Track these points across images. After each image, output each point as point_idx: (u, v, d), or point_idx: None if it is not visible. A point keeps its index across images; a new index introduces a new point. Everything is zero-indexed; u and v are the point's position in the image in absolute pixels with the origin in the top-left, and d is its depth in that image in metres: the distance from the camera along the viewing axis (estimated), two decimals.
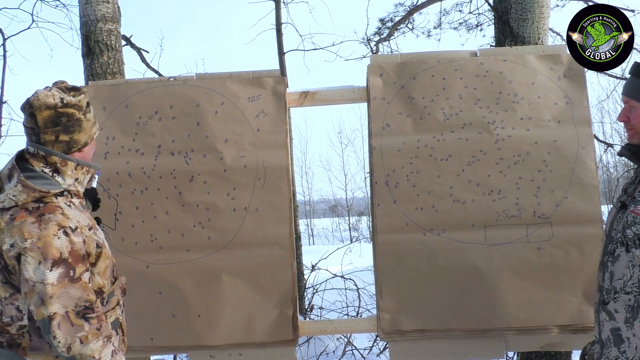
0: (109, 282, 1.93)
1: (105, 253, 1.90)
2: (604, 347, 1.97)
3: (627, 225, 1.92)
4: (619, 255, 1.95)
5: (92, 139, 1.95)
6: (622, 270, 1.93)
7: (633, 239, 1.90)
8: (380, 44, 9.05)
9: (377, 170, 2.82)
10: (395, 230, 2.77)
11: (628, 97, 2.01)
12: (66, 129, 1.85)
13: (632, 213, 1.92)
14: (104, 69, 3.62)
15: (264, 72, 2.94)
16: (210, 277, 2.80)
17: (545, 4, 3.49)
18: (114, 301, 1.96)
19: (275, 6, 7.93)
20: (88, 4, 3.61)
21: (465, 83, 2.83)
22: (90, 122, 1.94)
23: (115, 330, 1.96)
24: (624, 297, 1.90)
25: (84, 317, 1.71)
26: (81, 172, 1.91)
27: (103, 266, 1.89)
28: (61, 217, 1.75)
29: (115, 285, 1.99)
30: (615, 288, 1.94)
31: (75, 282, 1.72)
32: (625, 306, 1.89)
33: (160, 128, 2.88)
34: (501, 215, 2.76)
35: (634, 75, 1.99)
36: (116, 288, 1.99)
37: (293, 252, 2.82)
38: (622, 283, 1.92)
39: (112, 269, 1.97)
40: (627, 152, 2.07)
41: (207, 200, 2.83)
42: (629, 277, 1.90)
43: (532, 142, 2.78)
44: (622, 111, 2.06)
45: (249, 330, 2.78)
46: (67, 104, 1.85)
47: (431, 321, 2.74)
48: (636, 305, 1.86)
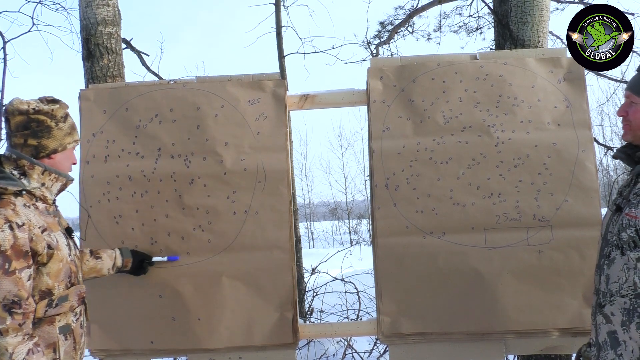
0: (63, 286, 1.98)
1: (58, 256, 1.96)
2: (600, 350, 1.97)
3: (622, 228, 1.92)
4: (614, 259, 1.96)
5: (63, 148, 2.06)
6: (617, 273, 1.94)
7: (628, 242, 1.90)
8: (380, 47, 9.07)
9: (377, 173, 2.82)
10: (395, 233, 2.77)
11: (630, 91, 2.02)
12: (34, 134, 1.98)
13: (627, 216, 1.92)
14: (104, 72, 3.62)
15: (264, 75, 2.94)
16: (211, 280, 2.80)
17: (545, 7, 3.49)
18: (66, 306, 2.00)
19: (275, 9, 7.95)
20: (88, 7, 3.62)
21: (465, 86, 2.83)
22: (63, 131, 2.05)
23: (64, 336, 1.99)
24: (619, 300, 1.91)
25: (9, 310, 1.78)
26: (49, 179, 2.02)
27: (55, 268, 1.95)
28: (10, 212, 1.84)
29: (71, 291, 2.03)
30: (611, 291, 1.95)
31: (8, 275, 1.78)
32: (621, 309, 1.90)
33: (160, 131, 2.88)
34: (501, 218, 2.75)
35: None
36: (72, 294, 2.03)
37: (293, 255, 2.82)
38: (617, 286, 1.93)
39: (68, 274, 2.02)
40: (622, 155, 2.08)
41: (207, 204, 2.83)
42: (625, 280, 1.91)
43: (532, 145, 2.78)
44: (622, 106, 2.07)
45: (249, 334, 2.78)
46: (39, 111, 1.99)
47: (431, 324, 2.74)
48: (632, 309, 1.87)
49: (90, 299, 2.80)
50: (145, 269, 2.75)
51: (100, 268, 2.50)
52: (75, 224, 2.72)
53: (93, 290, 2.81)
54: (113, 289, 2.81)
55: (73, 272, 2.06)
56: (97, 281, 2.80)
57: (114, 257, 2.60)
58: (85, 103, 2.93)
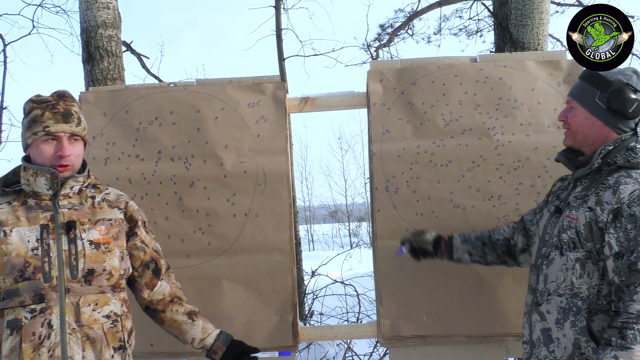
0: (9, 280, 1.93)
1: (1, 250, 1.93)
2: (533, 348, 2.07)
3: (563, 229, 2.00)
4: (553, 259, 2.03)
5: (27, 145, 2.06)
6: (556, 273, 2.01)
7: (568, 243, 1.98)
8: (380, 49, 9.08)
9: (377, 175, 2.82)
10: (395, 236, 2.76)
11: (571, 97, 2.12)
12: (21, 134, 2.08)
13: (567, 218, 2.00)
14: (105, 75, 3.62)
15: (264, 78, 2.94)
16: (210, 283, 2.80)
17: (544, 10, 3.50)
18: (15, 300, 1.92)
19: (275, 12, 7.97)
20: (88, 10, 3.62)
21: (465, 89, 2.83)
22: (24, 127, 2.06)
23: (9, 331, 1.91)
24: (556, 299, 1.99)
25: None
26: (30, 174, 2.02)
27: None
28: None
29: (22, 285, 1.93)
30: (549, 290, 2.02)
31: None
32: (557, 308, 1.98)
33: (160, 134, 2.88)
34: (501, 221, 2.75)
35: (582, 79, 2.09)
36: (23, 289, 1.93)
37: (293, 257, 2.82)
38: (555, 285, 2.00)
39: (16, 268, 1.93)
40: (563, 159, 2.18)
41: (207, 206, 2.83)
42: (562, 280, 1.98)
43: (532, 148, 2.78)
44: (562, 111, 2.17)
45: (248, 336, 2.77)
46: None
47: (431, 327, 2.74)
48: (567, 307, 1.94)
49: None
50: None
51: (184, 330, 2.27)
52: None
53: None
54: None
55: (34, 266, 1.94)
56: None
57: (208, 333, 2.27)
58: (86, 106, 2.92)
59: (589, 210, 1.93)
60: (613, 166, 1.96)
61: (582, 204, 1.97)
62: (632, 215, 1.82)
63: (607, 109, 1.98)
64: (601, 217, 1.88)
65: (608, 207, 1.87)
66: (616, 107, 1.96)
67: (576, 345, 1.89)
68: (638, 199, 1.82)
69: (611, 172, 1.96)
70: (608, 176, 1.96)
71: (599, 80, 2.01)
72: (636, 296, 1.74)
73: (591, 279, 1.91)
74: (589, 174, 2.04)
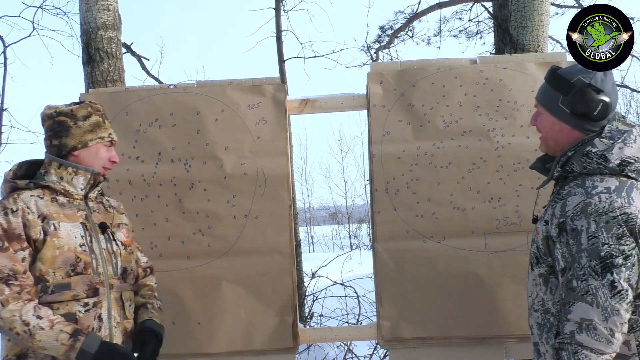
0: (61, 274, 1.97)
1: (53, 243, 1.96)
2: None
3: (532, 243, 1.96)
4: (528, 274, 2.00)
5: (84, 145, 2.10)
6: (530, 288, 1.98)
7: (532, 258, 1.94)
8: (380, 51, 9.09)
9: (377, 177, 2.82)
10: (395, 238, 2.77)
11: (537, 101, 2.03)
12: (56, 134, 2.09)
13: (535, 231, 1.95)
14: (105, 77, 3.62)
15: (264, 80, 2.94)
16: (210, 285, 2.80)
17: (544, 12, 3.50)
18: (67, 294, 1.97)
19: (275, 14, 7.96)
20: (89, 12, 3.62)
21: (465, 90, 2.83)
22: (82, 129, 2.10)
23: None
24: (535, 315, 1.94)
25: (6, 282, 1.86)
26: (66, 172, 2.08)
27: (49, 255, 1.96)
28: (10, 201, 1.97)
29: (75, 279, 1.99)
30: (529, 305, 1.98)
31: (3, 252, 1.88)
32: (536, 323, 1.93)
33: (160, 135, 2.88)
34: (501, 223, 2.75)
35: (546, 81, 1.98)
36: (76, 283, 1.99)
37: (293, 259, 2.82)
38: (531, 301, 1.97)
39: (68, 262, 1.98)
40: (538, 165, 2.08)
41: (207, 208, 2.83)
42: (535, 295, 1.94)
43: (532, 150, 2.78)
44: (533, 115, 2.08)
45: (249, 338, 2.78)
46: (61, 112, 2.10)
47: (431, 329, 2.74)
48: (542, 323, 1.89)
49: None
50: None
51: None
52: None
53: None
54: None
55: (84, 261, 2.01)
56: None
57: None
58: None
59: (545, 224, 1.86)
60: (573, 174, 1.85)
61: (543, 216, 1.91)
62: (573, 230, 1.71)
63: (571, 113, 1.85)
64: (552, 232, 1.80)
65: (555, 221, 1.78)
66: (580, 110, 1.83)
67: None
68: (581, 212, 1.70)
69: (573, 179, 1.85)
70: (566, 186, 1.85)
71: (560, 83, 1.90)
72: (570, 315, 1.66)
73: (554, 295, 1.84)
74: (557, 181, 1.94)
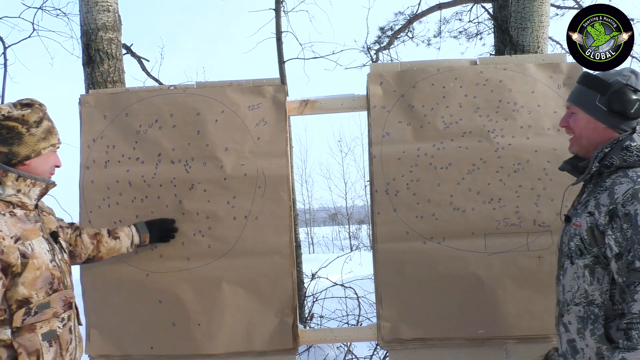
0: (42, 294, 1.94)
1: (33, 264, 1.91)
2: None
3: (571, 237, 1.99)
4: (566, 268, 2.03)
5: (37, 154, 1.99)
6: (570, 282, 2.00)
7: (575, 250, 1.97)
8: (380, 52, 9.09)
9: (377, 178, 2.82)
10: (395, 239, 2.77)
11: (571, 102, 2.11)
12: (4, 141, 1.93)
13: (574, 225, 1.99)
14: (105, 78, 3.63)
15: (264, 81, 2.94)
16: (210, 286, 2.79)
17: (544, 13, 3.51)
18: (48, 313, 1.96)
19: (275, 15, 7.97)
20: (89, 13, 3.63)
21: (465, 91, 2.84)
22: (36, 137, 1.98)
23: (48, 343, 1.95)
24: (574, 309, 1.97)
25: None
26: (24, 184, 1.97)
27: (30, 277, 1.91)
28: None
29: (54, 297, 1.99)
30: (567, 300, 2.01)
31: None
32: (576, 317, 1.95)
33: (160, 136, 2.88)
34: (501, 224, 2.75)
35: (581, 83, 2.08)
36: (54, 300, 1.99)
37: (293, 260, 2.82)
38: (571, 295, 1.99)
39: (49, 281, 1.97)
40: (567, 166, 2.17)
41: (207, 209, 2.83)
42: (577, 289, 1.97)
43: (532, 151, 2.78)
44: (563, 117, 2.16)
45: (248, 339, 2.77)
46: (10, 117, 1.93)
47: (431, 330, 2.73)
48: (585, 316, 1.92)
49: (90, 303, 2.82)
50: (169, 236, 2.78)
51: (119, 248, 2.57)
52: None
53: (92, 295, 2.82)
54: (113, 294, 2.81)
55: (57, 277, 2.01)
56: (96, 286, 2.80)
57: (131, 235, 2.64)
58: (86, 108, 2.93)
59: (589, 215, 1.92)
60: (611, 168, 1.94)
61: (584, 209, 1.97)
62: (627, 215, 1.79)
63: (609, 111, 1.96)
64: (600, 220, 1.87)
65: (604, 209, 1.86)
66: (617, 108, 1.94)
67: (599, 354, 1.85)
68: (632, 198, 1.80)
69: (610, 173, 1.95)
70: (607, 178, 1.95)
71: (598, 83, 2.01)
72: (637, 295, 1.71)
73: (601, 285, 1.89)
74: (591, 178, 2.04)
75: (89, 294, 2.82)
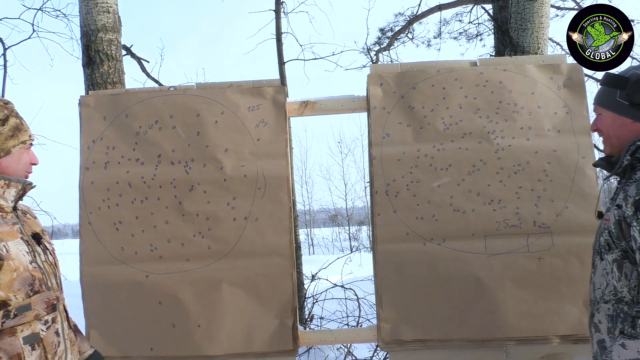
0: (22, 295, 1.89)
1: (9, 266, 1.87)
2: None
3: (601, 232, 1.97)
4: (597, 265, 2.00)
5: (6, 153, 1.94)
6: (599, 279, 1.97)
7: (604, 245, 1.94)
8: (380, 53, 9.09)
9: (377, 179, 2.82)
10: (395, 240, 2.76)
11: (595, 104, 2.08)
12: None
13: (604, 220, 1.97)
14: (105, 79, 3.63)
15: (264, 82, 2.94)
16: (210, 287, 2.79)
17: (544, 14, 3.50)
18: (29, 315, 1.91)
19: (275, 16, 7.96)
20: (89, 14, 3.63)
21: (465, 92, 2.84)
22: (3, 135, 1.93)
23: (30, 346, 1.90)
24: (604, 307, 1.93)
25: None
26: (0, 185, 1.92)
27: (6, 279, 1.86)
28: None
29: (35, 299, 1.93)
30: (597, 298, 1.97)
31: None
32: (606, 316, 1.91)
33: (160, 137, 2.88)
34: (501, 225, 2.75)
35: (603, 84, 2.06)
36: (36, 302, 1.94)
37: (293, 261, 2.81)
38: (600, 292, 1.96)
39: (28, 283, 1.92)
40: (601, 162, 2.12)
41: (207, 210, 2.83)
42: (606, 285, 1.93)
43: (532, 152, 2.78)
44: (593, 121, 2.13)
45: (248, 340, 2.77)
46: None
47: (431, 331, 2.73)
48: (615, 314, 1.88)
49: (90, 305, 2.81)
50: None
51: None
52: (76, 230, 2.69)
53: (92, 297, 2.81)
54: (113, 295, 2.80)
55: (38, 279, 1.96)
56: (96, 287, 2.80)
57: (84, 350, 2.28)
58: (86, 109, 2.93)
59: (617, 208, 1.88)
60: None
61: (613, 203, 1.94)
62: None
63: (630, 104, 1.94)
64: (627, 212, 1.82)
65: (630, 200, 1.81)
66: (638, 100, 1.92)
67: None
68: None
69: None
70: (638, 171, 1.90)
71: (616, 80, 2.00)
72: None
73: (629, 281, 1.83)
74: (624, 173, 2.00)
75: (89, 295, 2.82)
